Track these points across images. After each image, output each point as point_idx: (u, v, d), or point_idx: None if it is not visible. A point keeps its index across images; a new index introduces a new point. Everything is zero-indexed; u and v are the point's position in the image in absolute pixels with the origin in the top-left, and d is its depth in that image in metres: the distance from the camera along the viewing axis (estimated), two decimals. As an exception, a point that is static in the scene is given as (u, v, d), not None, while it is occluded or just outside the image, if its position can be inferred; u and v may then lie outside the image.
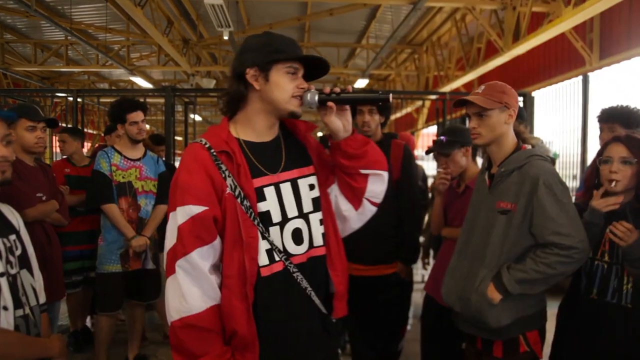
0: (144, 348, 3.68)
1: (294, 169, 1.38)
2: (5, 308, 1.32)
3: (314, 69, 1.39)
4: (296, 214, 1.35)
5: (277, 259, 1.30)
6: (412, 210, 2.72)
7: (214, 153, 1.29)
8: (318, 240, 1.39)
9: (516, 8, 6.01)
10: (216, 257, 1.29)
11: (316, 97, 1.32)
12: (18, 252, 1.46)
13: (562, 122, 6.55)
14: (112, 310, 2.99)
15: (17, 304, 1.38)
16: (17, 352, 1.34)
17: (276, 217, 1.32)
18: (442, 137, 2.45)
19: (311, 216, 1.38)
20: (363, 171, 1.42)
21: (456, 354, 2.32)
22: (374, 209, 1.52)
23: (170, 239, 1.26)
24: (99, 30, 8.55)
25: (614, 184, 1.72)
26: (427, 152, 2.61)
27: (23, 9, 5.85)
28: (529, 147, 1.79)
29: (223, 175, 1.28)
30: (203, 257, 1.24)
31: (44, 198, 2.61)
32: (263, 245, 1.29)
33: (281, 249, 1.31)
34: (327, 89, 1.35)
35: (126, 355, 3.26)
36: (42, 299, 1.55)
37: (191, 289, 1.23)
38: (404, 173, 2.67)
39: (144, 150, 3.13)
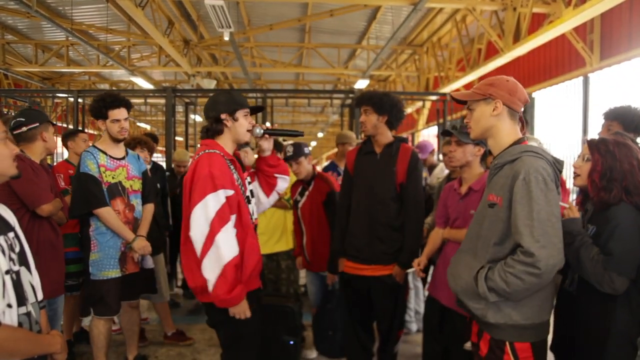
0: (144, 348, 3.68)
1: (244, 172, 2.30)
2: (9, 305, 1.33)
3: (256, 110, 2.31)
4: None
5: (253, 221, 2.22)
6: (413, 214, 2.71)
7: (227, 159, 2.10)
8: (255, 214, 2.30)
9: (517, 9, 6.02)
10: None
11: (261, 131, 2.23)
12: (17, 250, 1.47)
13: (563, 122, 6.56)
14: (111, 315, 2.90)
15: (20, 301, 1.40)
16: (24, 348, 1.36)
17: (250, 197, 2.25)
18: (464, 126, 2.43)
19: (252, 199, 2.30)
20: (276, 174, 2.39)
21: (458, 355, 2.32)
22: (277, 197, 2.48)
23: (214, 208, 1.96)
24: (100, 30, 8.58)
25: (576, 177, 1.95)
26: (444, 134, 2.58)
27: (24, 10, 5.86)
28: (534, 143, 1.73)
29: (233, 172, 2.11)
30: (233, 222, 2.03)
31: None
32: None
33: (253, 216, 2.25)
34: (263, 126, 2.26)
35: (125, 356, 3.25)
36: (40, 296, 1.56)
37: (234, 238, 2.02)
38: (409, 177, 2.68)
39: (124, 148, 3.01)
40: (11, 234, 1.46)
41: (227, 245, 1.95)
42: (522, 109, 1.76)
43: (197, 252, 1.96)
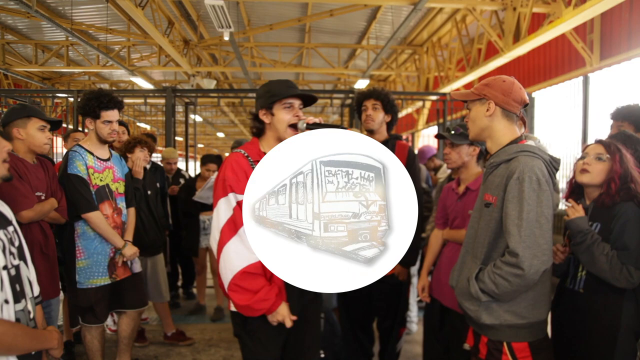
0: (145, 348, 3.68)
1: None
2: (6, 301, 1.33)
3: (308, 98, 1.95)
4: None
5: None
6: None
7: (251, 160, 1.87)
8: None
9: (516, 9, 6.02)
10: None
11: (304, 126, 1.89)
12: (17, 244, 1.47)
13: (563, 122, 6.56)
14: (99, 323, 2.75)
15: (18, 297, 1.40)
16: (22, 344, 1.36)
17: None
18: (458, 127, 2.44)
19: None
20: None
21: (458, 355, 2.32)
22: None
23: (225, 215, 1.81)
24: (100, 30, 8.57)
25: (583, 173, 1.89)
26: (438, 137, 2.59)
27: (24, 10, 5.86)
28: (531, 142, 1.73)
29: None
30: None
31: (42, 197, 2.55)
32: None
33: None
34: (310, 120, 1.90)
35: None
36: (36, 291, 1.56)
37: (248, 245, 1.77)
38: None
39: (109, 149, 2.89)
40: (10, 228, 1.46)
41: (237, 254, 1.78)
42: (522, 109, 1.75)
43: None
